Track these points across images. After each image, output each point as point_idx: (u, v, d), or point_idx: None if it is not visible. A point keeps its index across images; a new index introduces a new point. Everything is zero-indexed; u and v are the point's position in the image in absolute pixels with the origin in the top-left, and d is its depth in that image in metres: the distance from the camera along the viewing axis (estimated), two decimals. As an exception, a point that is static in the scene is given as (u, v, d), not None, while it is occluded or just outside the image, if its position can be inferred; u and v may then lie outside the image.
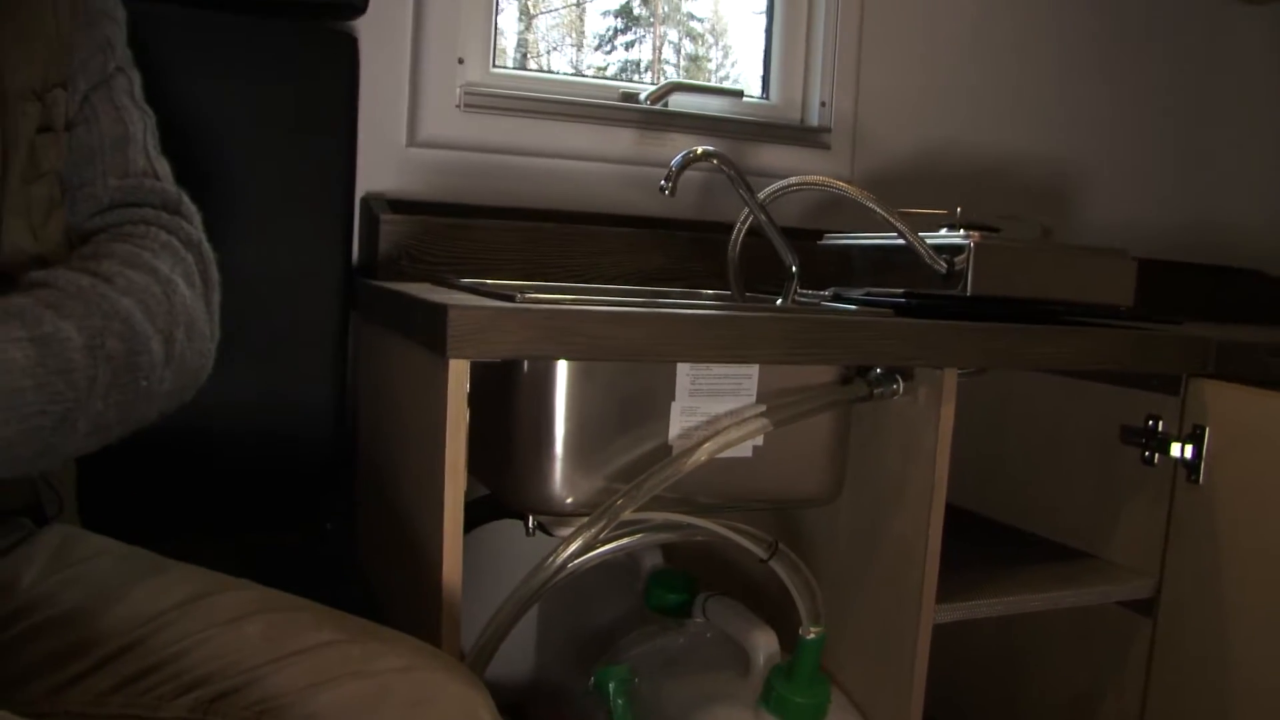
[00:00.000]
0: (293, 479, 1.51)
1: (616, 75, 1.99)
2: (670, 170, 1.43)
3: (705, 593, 1.46)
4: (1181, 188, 2.47)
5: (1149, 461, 1.52)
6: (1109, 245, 1.55)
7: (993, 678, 1.78)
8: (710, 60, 2.09)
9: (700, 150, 1.46)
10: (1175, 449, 1.47)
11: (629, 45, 2.01)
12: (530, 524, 1.26)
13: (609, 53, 1.99)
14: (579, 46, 1.95)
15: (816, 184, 1.51)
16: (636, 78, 1.99)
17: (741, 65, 2.08)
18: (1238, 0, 2.47)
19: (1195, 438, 1.45)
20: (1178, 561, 1.49)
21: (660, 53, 2.03)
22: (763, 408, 1.24)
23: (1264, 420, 1.38)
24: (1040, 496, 1.72)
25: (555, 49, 1.93)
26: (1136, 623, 1.54)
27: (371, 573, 1.49)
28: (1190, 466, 1.46)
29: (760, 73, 2.06)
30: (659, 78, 2.01)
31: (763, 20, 2.05)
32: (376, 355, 1.48)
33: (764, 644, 1.33)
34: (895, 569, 1.34)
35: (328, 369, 1.50)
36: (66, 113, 0.93)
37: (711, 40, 2.08)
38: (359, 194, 1.60)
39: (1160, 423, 1.50)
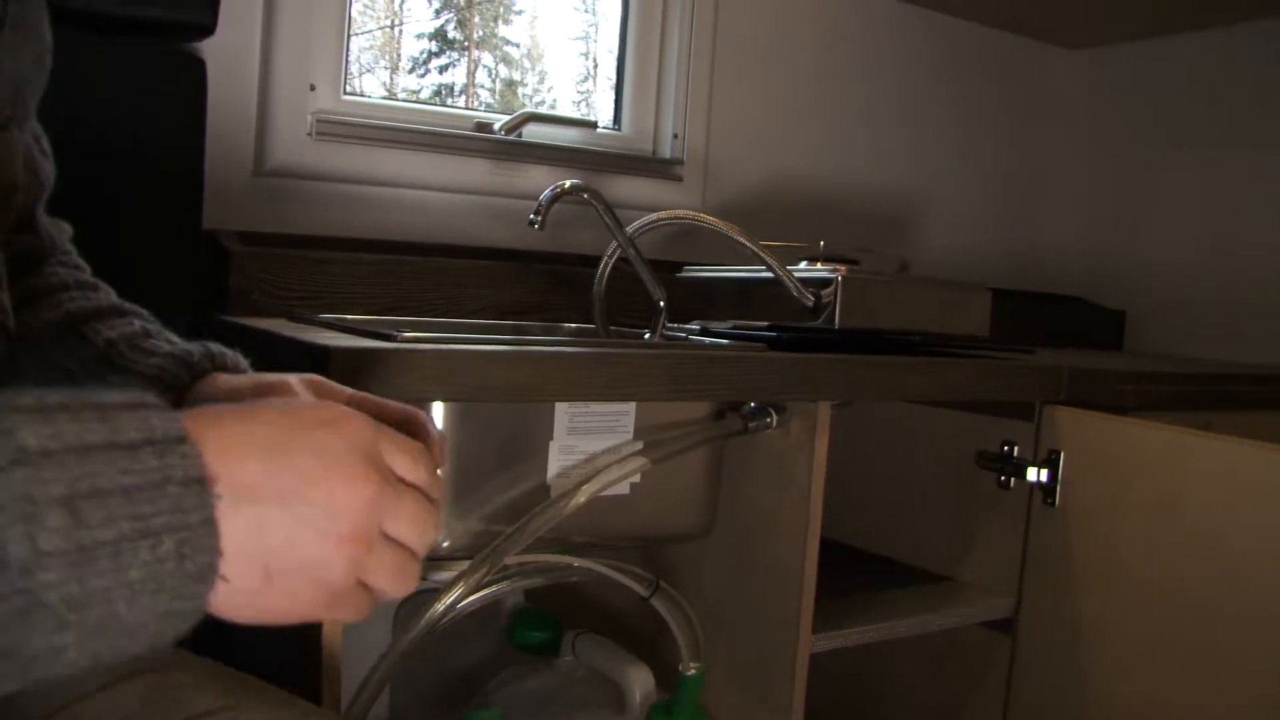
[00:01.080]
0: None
1: (431, 99, 1.96)
2: (540, 204, 1.42)
3: (574, 630, 1.44)
4: (1009, 218, 2.57)
5: (1005, 486, 1.56)
6: (951, 277, 1.59)
7: (860, 703, 1.80)
8: (526, 85, 2.08)
9: (569, 184, 1.44)
10: (1031, 473, 1.52)
11: (443, 69, 1.98)
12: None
13: (423, 75, 1.96)
14: (393, 69, 1.92)
15: (685, 218, 1.51)
16: (451, 101, 1.97)
17: (558, 90, 2.08)
18: (1058, 46, 2.59)
19: (1050, 462, 1.50)
20: (1035, 582, 1.54)
21: (475, 77, 2.02)
22: (640, 445, 1.24)
23: (1116, 444, 1.43)
24: (902, 523, 1.75)
25: (368, 71, 1.89)
26: (997, 642, 1.58)
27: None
28: (1046, 490, 1.50)
29: (573, 98, 2.07)
30: (473, 102, 1.99)
31: (579, 46, 2.06)
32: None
33: (640, 681, 1.32)
34: (771, 600, 1.35)
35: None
36: None
37: (528, 65, 2.07)
38: (206, 224, 1.54)
39: (1015, 448, 1.55)
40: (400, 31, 1.94)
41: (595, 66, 2.08)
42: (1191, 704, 1.33)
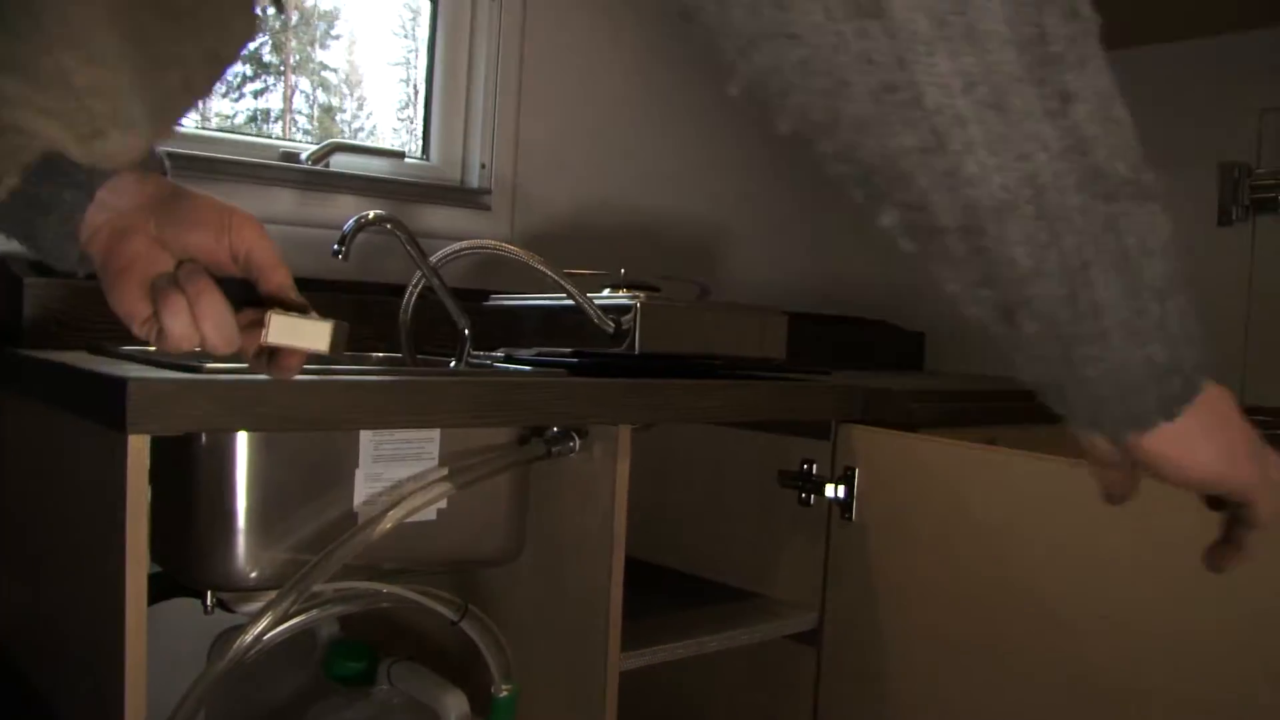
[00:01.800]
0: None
1: (245, 125, 1.95)
2: (344, 234, 1.42)
3: (389, 658, 1.44)
4: (815, 245, 2.66)
5: (805, 502, 1.62)
6: (759, 303, 1.65)
7: (679, 717, 1.84)
8: (344, 111, 2.08)
9: (372, 214, 1.45)
10: (829, 490, 1.58)
11: (258, 94, 1.97)
12: (209, 601, 1.22)
13: (237, 100, 1.95)
14: (204, 93, 1.89)
15: (488, 248, 1.54)
16: (266, 128, 1.96)
17: (377, 117, 2.09)
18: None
19: (846, 479, 1.56)
20: (837, 594, 1.60)
21: (291, 102, 2.01)
22: (446, 471, 1.25)
23: (907, 460, 1.50)
24: (707, 542, 1.80)
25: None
26: (803, 653, 1.63)
27: (24, 664, 1.39)
28: (843, 505, 1.57)
29: (393, 125, 2.08)
30: (289, 129, 1.99)
31: (399, 72, 2.07)
32: (28, 432, 1.39)
33: (455, 706, 1.34)
34: (580, 621, 1.38)
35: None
36: None
37: (346, 91, 2.08)
38: (-1, 254, 1.51)
39: (814, 466, 1.61)
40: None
41: (415, 94, 2.09)
42: (988, 704, 1.41)
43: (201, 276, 0.72)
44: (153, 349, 1.29)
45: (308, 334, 0.75)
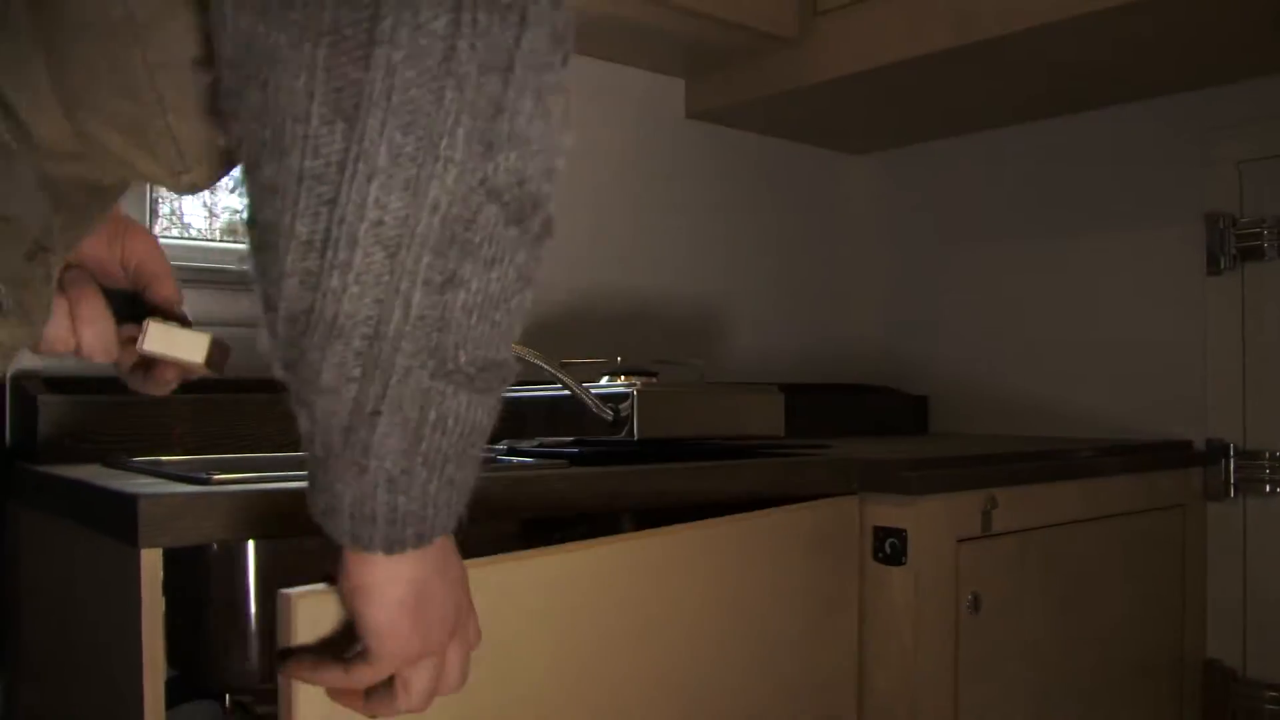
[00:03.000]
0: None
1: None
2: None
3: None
4: (817, 316, 2.70)
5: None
6: (760, 377, 1.68)
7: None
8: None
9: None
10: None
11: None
12: (228, 703, 1.25)
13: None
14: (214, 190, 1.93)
15: (486, 342, 1.57)
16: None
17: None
18: (843, 151, 2.76)
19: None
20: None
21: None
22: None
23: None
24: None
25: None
26: None
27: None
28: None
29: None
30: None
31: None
32: (42, 545, 1.42)
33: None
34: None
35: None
36: None
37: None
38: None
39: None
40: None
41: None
42: None
43: (86, 283, 0.73)
44: (165, 459, 1.32)
45: (184, 344, 0.74)
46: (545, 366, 1.48)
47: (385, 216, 0.52)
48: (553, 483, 1.30)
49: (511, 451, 1.60)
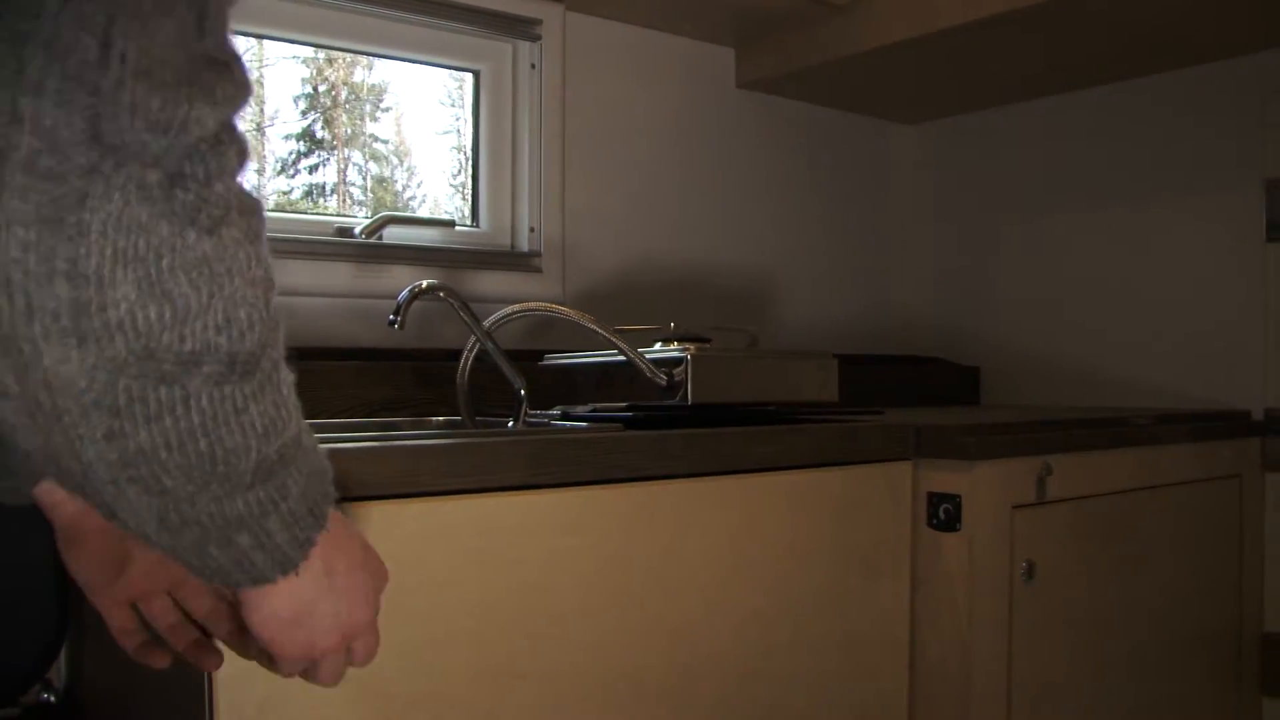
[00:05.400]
0: (13, 649, 1.44)
1: (301, 199, 2.01)
2: (399, 304, 1.47)
3: None
4: (866, 287, 2.69)
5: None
6: (811, 347, 1.67)
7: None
8: (396, 181, 2.14)
9: (425, 284, 1.50)
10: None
11: (313, 169, 2.03)
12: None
13: (293, 176, 2.01)
14: (261, 171, 1.96)
15: (539, 310, 1.58)
16: (323, 201, 2.02)
17: (428, 185, 2.14)
18: (895, 121, 2.74)
19: (903, 518, 1.57)
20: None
21: (345, 175, 2.07)
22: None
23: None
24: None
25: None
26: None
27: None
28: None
29: (448, 192, 2.14)
30: (345, 201, 2.05)
31: (450, 139, 2.13)
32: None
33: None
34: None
35: (45, 524, 1.44)
36: None
37: (396, 161, 2.13)
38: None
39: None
40: (266, 134, 1.98)
41: (466, 160, 2.15)
42: None
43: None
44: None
45: None
46: (600, 331, 1.48)
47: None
48: (606, 445, 1.30)
49: (565, 416, 1.61)
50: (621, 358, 1.51)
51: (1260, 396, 2.16)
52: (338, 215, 2.00)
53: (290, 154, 2.00)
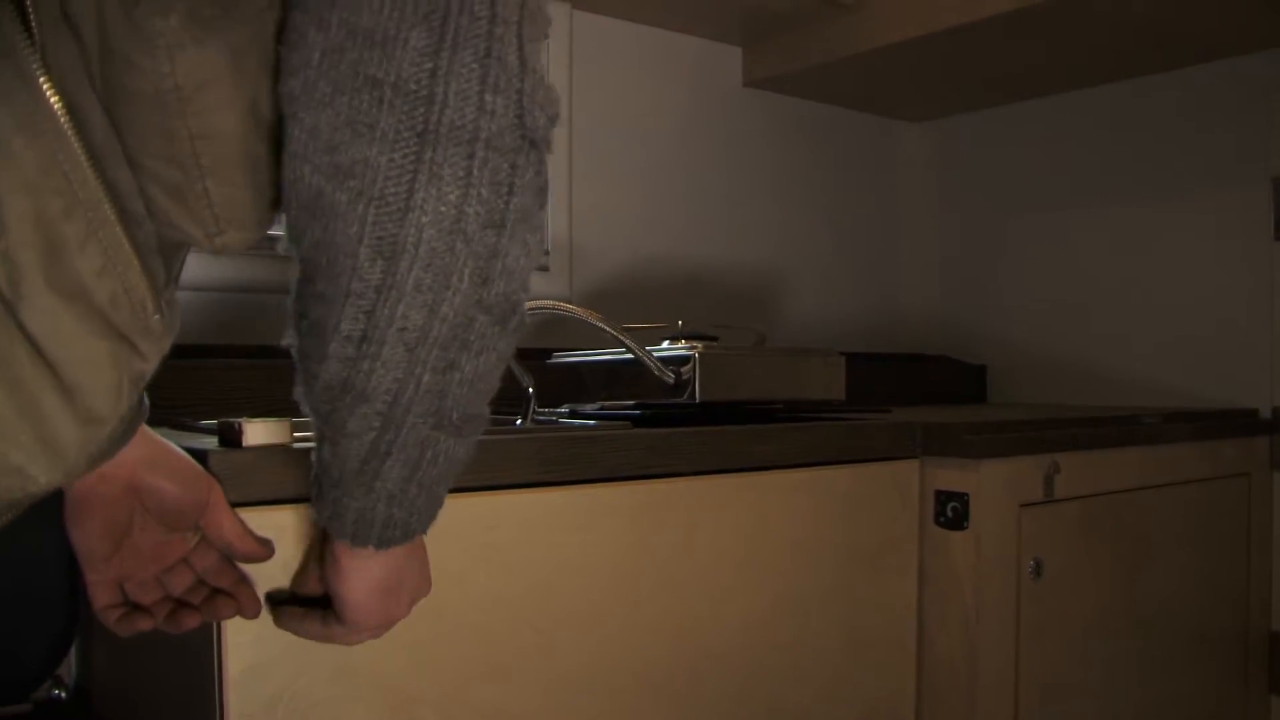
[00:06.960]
0: (24, 646, 1.44)
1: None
2: (408, 302, 1.47)
3: None
4: (872, 285, 2.69)
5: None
6: (818, 345, 1.67)
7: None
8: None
9: (434, 282, 1.50)
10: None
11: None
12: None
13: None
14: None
15: (547, 308, 1.58)
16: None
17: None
18: (900, 119, 2.74)
19: (910, 516, 1.58)
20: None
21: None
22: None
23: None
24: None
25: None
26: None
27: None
28: (908, 542, 1.58)
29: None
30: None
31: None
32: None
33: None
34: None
35: (58, 520, 1.44)
36: None
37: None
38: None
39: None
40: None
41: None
42: None
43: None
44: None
45: None
46: (607, 329, 1.48)
47: (408, 325, 0.69)
48: (614, 443, 1.30)
49: (573, 414, 1.61)
50: (629, 356, 1.51)
51: (1268, 395, 2.16)
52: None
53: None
